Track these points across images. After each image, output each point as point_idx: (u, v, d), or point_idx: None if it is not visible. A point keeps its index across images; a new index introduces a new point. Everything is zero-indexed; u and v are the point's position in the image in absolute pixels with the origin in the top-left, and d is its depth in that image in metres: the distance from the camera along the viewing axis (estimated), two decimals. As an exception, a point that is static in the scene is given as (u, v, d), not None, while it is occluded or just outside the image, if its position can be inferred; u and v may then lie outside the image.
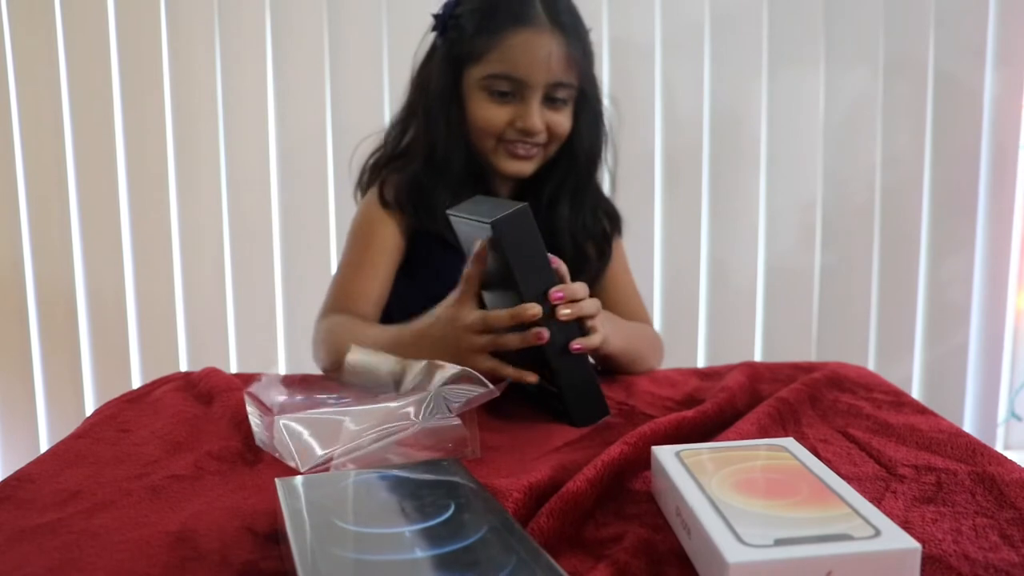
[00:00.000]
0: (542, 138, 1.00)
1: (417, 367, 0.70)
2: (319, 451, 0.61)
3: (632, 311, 1.08)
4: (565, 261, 0.88)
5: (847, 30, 1.71)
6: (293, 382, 0.77)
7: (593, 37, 1.05)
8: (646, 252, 1.76)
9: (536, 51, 0.95)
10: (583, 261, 1.05)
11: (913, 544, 0.43)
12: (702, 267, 1.78)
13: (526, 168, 1.02)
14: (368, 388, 0.73)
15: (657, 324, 1.79)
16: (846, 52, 1.71)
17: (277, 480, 0.52)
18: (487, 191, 1.05)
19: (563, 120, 1.01)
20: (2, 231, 1.72)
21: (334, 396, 0.70)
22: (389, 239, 1.04)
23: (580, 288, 0.75)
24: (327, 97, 1.68)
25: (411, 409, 0.63)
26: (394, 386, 0.72)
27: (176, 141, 1.70)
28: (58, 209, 1.71)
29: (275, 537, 0.51)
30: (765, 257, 1.78)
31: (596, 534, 0.52)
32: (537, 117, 0.98)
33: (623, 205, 1.80)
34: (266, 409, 0.67)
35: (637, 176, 1.74)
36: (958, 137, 1.74)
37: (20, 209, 1.71)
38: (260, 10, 1.67)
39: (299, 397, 0.70)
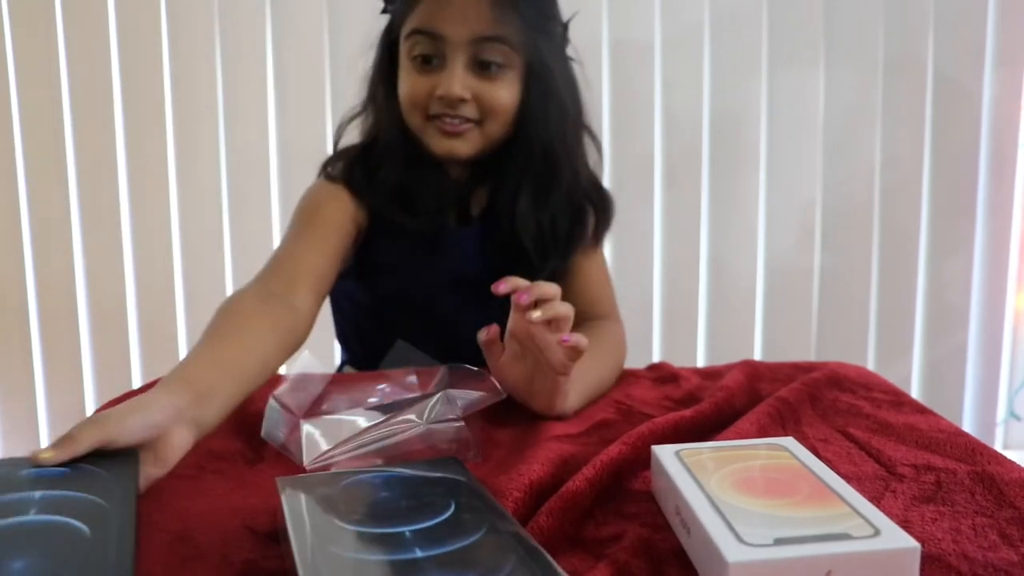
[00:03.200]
0: (470, 110, 0.88)
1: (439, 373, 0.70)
2: (322, 449, 0.61)
3: (604, 311, 1.00)
4: (526, 259, 0.90)
5: (847, 31, 1.71)
6: (321, 382, 0.75)
7: (593, 36, 0.99)
8: (646, 252, 1.76)
9: (455, 5, 0.86)
10: (544, 261, 0.94)
11: (912, 543, 0.44)
12: (702, 267, 1.78)
13: (458, 147, 0.90)
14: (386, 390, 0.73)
15: (657, 324, 1.79)
16: (846, 53, 1.71)
17: (278, 479, 0.52)
18: (439, 175, 0.96)
19: (498, 91, 0.88)
20: (2, 231, 1.72)
21: (358, 397, 0.70)
22: (335, 214, 0.94)
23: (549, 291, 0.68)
24: (327, 97, 1.69)
25: (417, 412, 0.64)
26: None
27: (176, 141, 1.71)
28: (58, 209, 1.71)
29: (275, 536, 0.51)
30: (765, 257, 1.78)
31: (596, 533, 0.52)
32: (457, 81, 0.86)
33: (623, 205, 1.79)
34: (291, 412, 0.67)
35: (637, 176, 1.74)
36: (957, 137, 1.75)
37: (20, 209, 1.72)
38: (260, 10, 1.67)
39: (325, 399, 0.70)
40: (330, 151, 1.06)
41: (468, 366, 0.68)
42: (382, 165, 0.94)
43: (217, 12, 1.66)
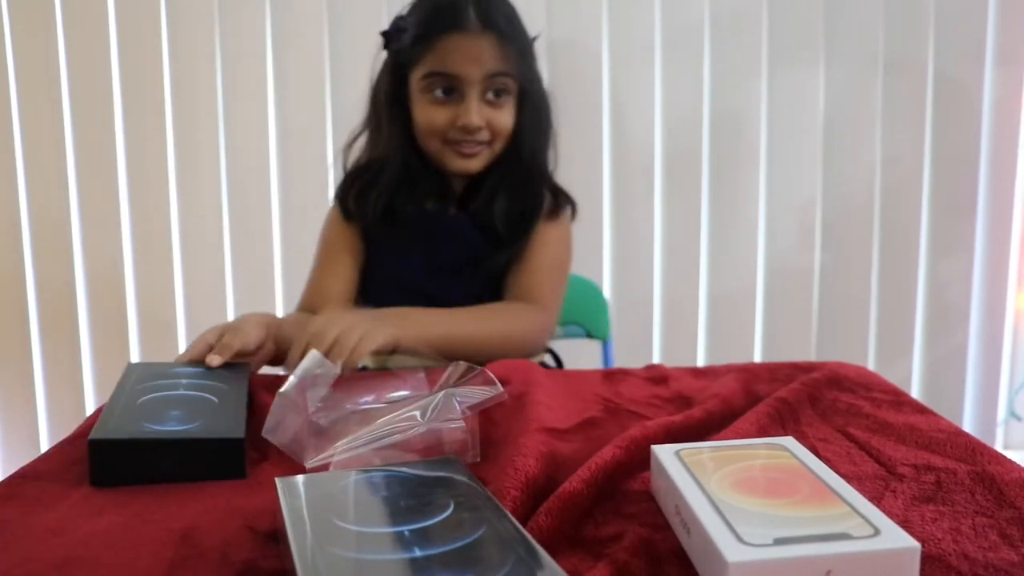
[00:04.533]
0: (485, 135, 1.03)
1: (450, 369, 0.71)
2: (324, 448, 0.62)
3: (533, 297, 1.07)
4: (496, 247, 1.04)
5: (847, 30, 1.71)
6: (327, 382, 0.76)
7: (593, 36, 1.05)
8: (646, 252, 1.76)
9: (468, 49, 0.99)
10: (513, 244, 1.07)
11: (912, 543, 0.44)
12: (702, 267, 1.78)
13: (472, 165, 1.06)
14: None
15: (657, 324, 1.79)
16: (846, 52, 1.71)
17: (277, 479, 0.52)
18: (442, 187, 1.10)
19: (504, 116, 1.04)
20: (2, 230, 1.72)
21: (364, 397, 0.71)
22: (345, 237, 1.11)
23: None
24: (327, 96, 1.69)
25: (419, 411, 0.64)
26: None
27: (176, 140, 1.71)
28: (58, 208, 1.71)
29: (275, 536, 0.52)
30: (765, 257, 1.78)
31: (595, 533, 0.52)
32: (475, 114, 1.01)
33: (623, 205, 1.80)
34: (295, 410, 0.67)
35: (637, 176, 1.74)
36: (958, 137, 1.74)
37: (20, 208, 1.72)
38: (260, 10, 1.67)
39: (330, 398, 0.70)
40: (331, 157, 1.24)
41: (473, 364, 0.68)
42: (376, 185, 1.08)
43: (217, 11, 1.66)
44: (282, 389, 0.69)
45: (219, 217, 1.72)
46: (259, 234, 1.73)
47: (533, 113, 1.07)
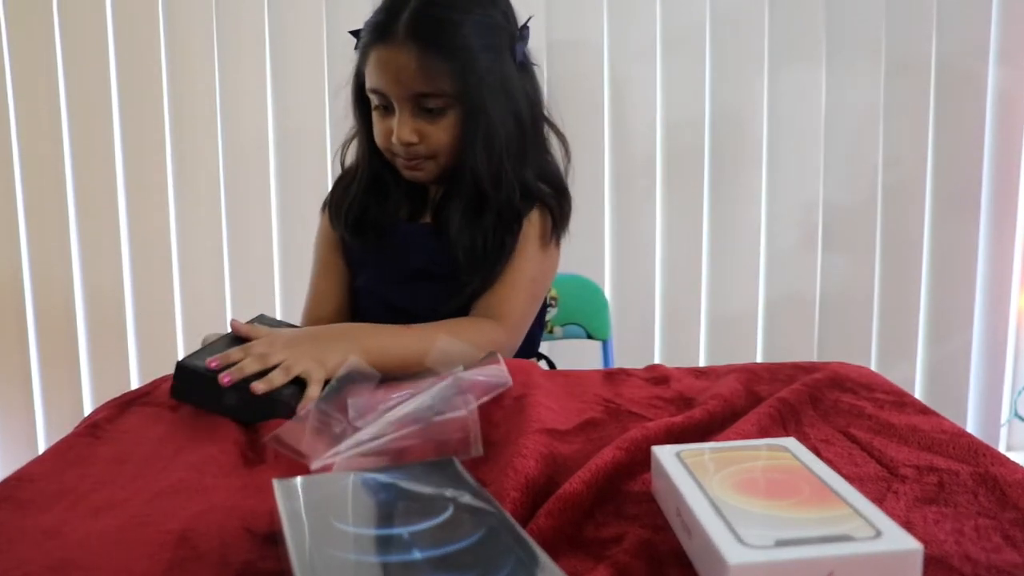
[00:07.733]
0: (421, 149, 1.00)
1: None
2: (328, 448, 0.61)
3: (495, 313, 1.00)
4: (451, 273, 0.99)
5: (849, 29, 1.71)
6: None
7: (595, 37, 1.01)
8: (647, 252, 1.76)
9: (389, 65, 0.96)
10: (473, 276, 1.01)
11: (915, 545, 0.43)
12: (702, 267, 1.78)
13: (419, 176, 1.04)
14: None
15: (657, 325, 1.78)
16: (848, 51, 1.71)
17: (275, 481, 0.52)
18: (416, 192, 1.08)
19: (438, 133, 0.99)
20: (0, 232, 1.72)
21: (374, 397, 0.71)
22: (330, 237, 1.12)
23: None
24: (326, 97, 1.69)
25: (424, 401, 0.63)
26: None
27: (174, 142, 1.70)
28: (56, 209, 1.71)
29: (273, 537, 0.51)
30: (766, 257, 1.78)
31: (596, 534, 0.52)
32: (405, 128, 0.98)
33: (624, 205, 1.79)
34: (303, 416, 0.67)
35: (638, 176, 1.74)
36: (961, 137, 1.74)
37: (18, 209, 1.72)
38: (259, 8, 1.67)
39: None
40: (328, 144, 1.27)
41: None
42: (348, 194, 1.09)
43: (215, 11, 1.66)
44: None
45: (218, 220, 1.72)
46: (258, 237, 1.73)
47: (473, 128, 0.98)
